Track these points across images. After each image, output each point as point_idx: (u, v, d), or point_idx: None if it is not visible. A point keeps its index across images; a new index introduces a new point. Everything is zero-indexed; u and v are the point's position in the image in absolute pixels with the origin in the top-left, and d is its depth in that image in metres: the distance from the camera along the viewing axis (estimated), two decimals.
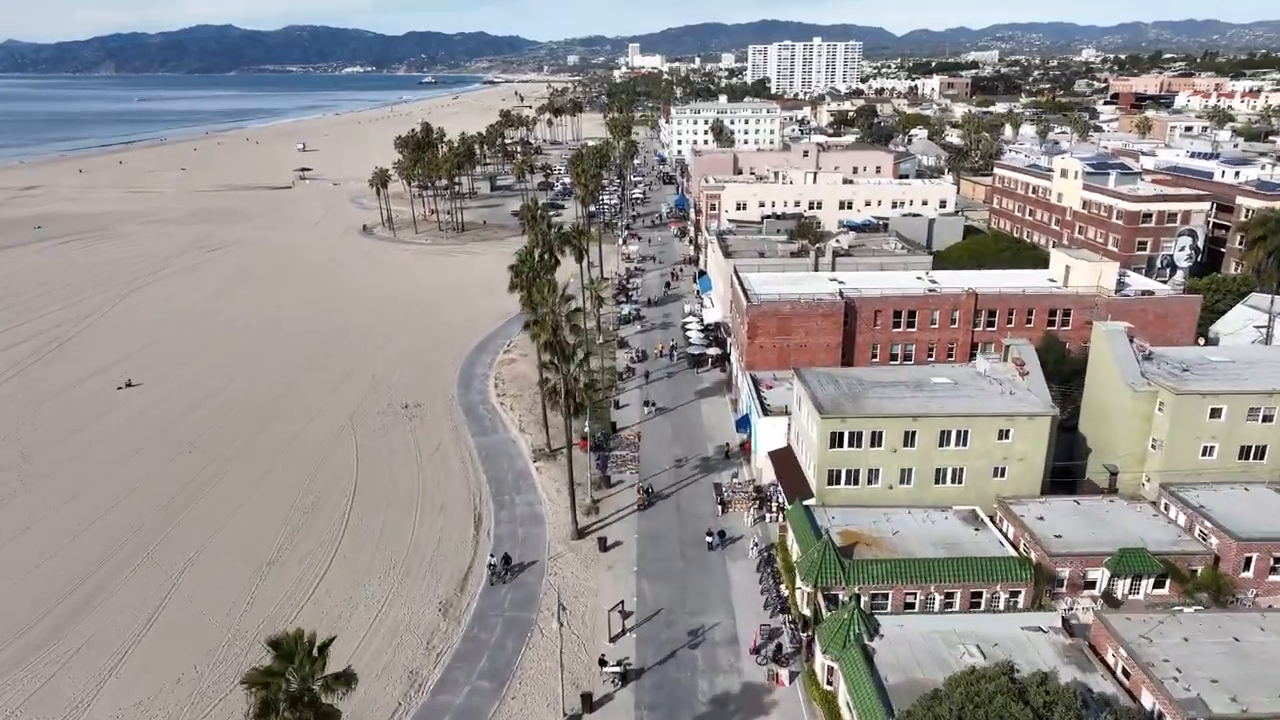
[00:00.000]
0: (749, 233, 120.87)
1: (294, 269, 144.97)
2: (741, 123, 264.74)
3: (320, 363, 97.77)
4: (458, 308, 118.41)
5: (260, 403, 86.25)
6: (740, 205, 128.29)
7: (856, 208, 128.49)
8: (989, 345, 77.33)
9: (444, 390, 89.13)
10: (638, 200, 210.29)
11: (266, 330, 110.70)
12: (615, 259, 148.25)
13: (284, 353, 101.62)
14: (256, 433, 79.21)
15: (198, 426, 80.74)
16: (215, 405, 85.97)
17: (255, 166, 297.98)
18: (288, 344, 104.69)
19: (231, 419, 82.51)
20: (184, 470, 71.86)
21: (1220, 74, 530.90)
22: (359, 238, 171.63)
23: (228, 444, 76.92)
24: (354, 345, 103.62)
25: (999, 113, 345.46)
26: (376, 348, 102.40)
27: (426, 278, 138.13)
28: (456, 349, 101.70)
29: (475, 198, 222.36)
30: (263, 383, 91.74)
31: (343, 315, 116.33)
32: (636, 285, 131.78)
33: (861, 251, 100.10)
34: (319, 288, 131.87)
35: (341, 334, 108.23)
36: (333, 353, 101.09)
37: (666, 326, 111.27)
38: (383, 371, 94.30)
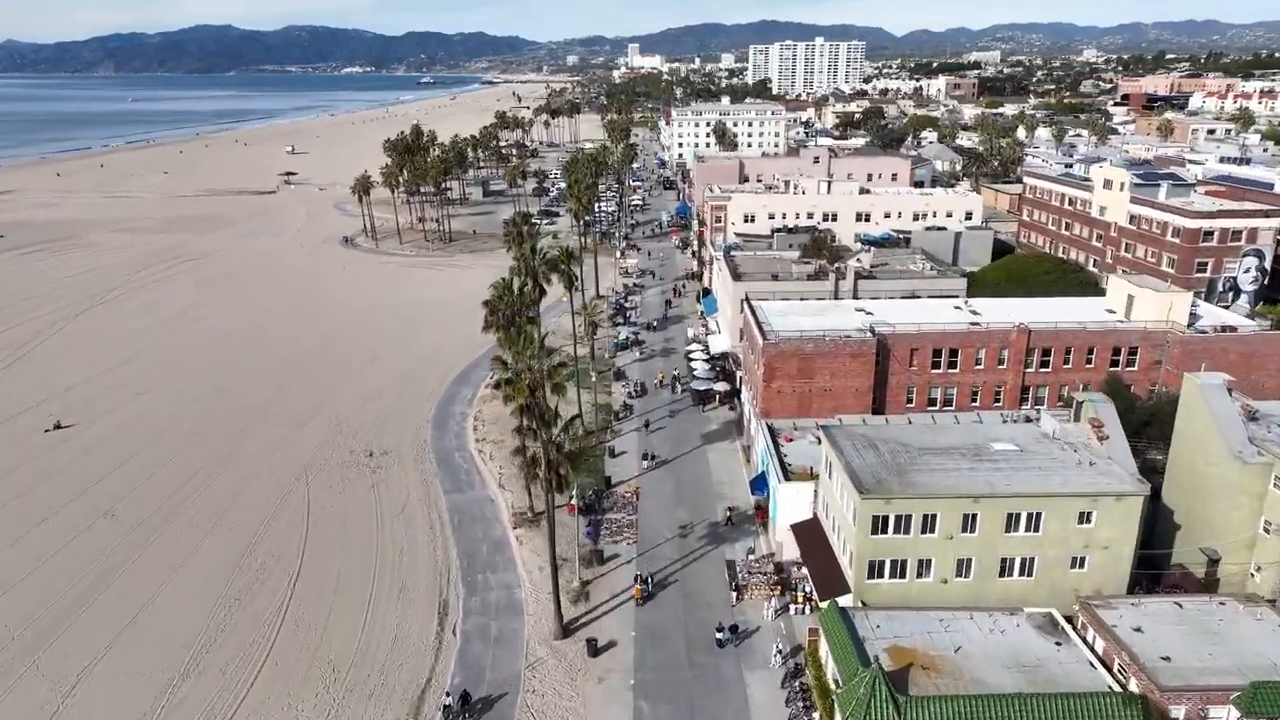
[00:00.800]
0: (758, 247, 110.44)
1: (263, 286, 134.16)
2: (745, 125, 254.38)
3: (278, 400, 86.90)
4: (437, 331, 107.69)
5: (206, 452, 75.44)
6: (748, 217, 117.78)
7: (875, 220, 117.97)
8: (1042, 389, 66.98)
9: (416, 433, 78.51)
10: (636, 207, 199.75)
11: (225, 361, 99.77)
12: (612, 273, 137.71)
13: (240, 388, 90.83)
14: (194, 491, 68.46)
15: (126, 483, 69.94)
16: (152, 456, 75.11)
17: (241, 170, 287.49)
18: (245, 378, 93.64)
19: (167, 473, 71.77)
20: (97, 542, 61.05)
21: (1229, 74, 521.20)
22: (339, 249, 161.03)
23: (157, 506, 66.14)
24: (318, 379, 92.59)
25: (1010, 114, 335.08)
26: (343, 382, 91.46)
27: (406, 295, 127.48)
28: (434, 381, 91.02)
29: (466, 204, 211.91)
30: (211, 426, 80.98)
31: (309, 343, 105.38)
32: (635, 304, 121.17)
33: (885, 272, 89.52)
34: (286, 309, 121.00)
35: (305, 364, 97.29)
36: (293, 388, 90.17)
37: (668, 354, 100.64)
38: (348, 411, 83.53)
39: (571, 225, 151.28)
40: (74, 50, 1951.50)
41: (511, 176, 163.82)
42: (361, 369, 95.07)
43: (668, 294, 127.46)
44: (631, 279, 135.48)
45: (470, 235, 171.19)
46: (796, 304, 75.85)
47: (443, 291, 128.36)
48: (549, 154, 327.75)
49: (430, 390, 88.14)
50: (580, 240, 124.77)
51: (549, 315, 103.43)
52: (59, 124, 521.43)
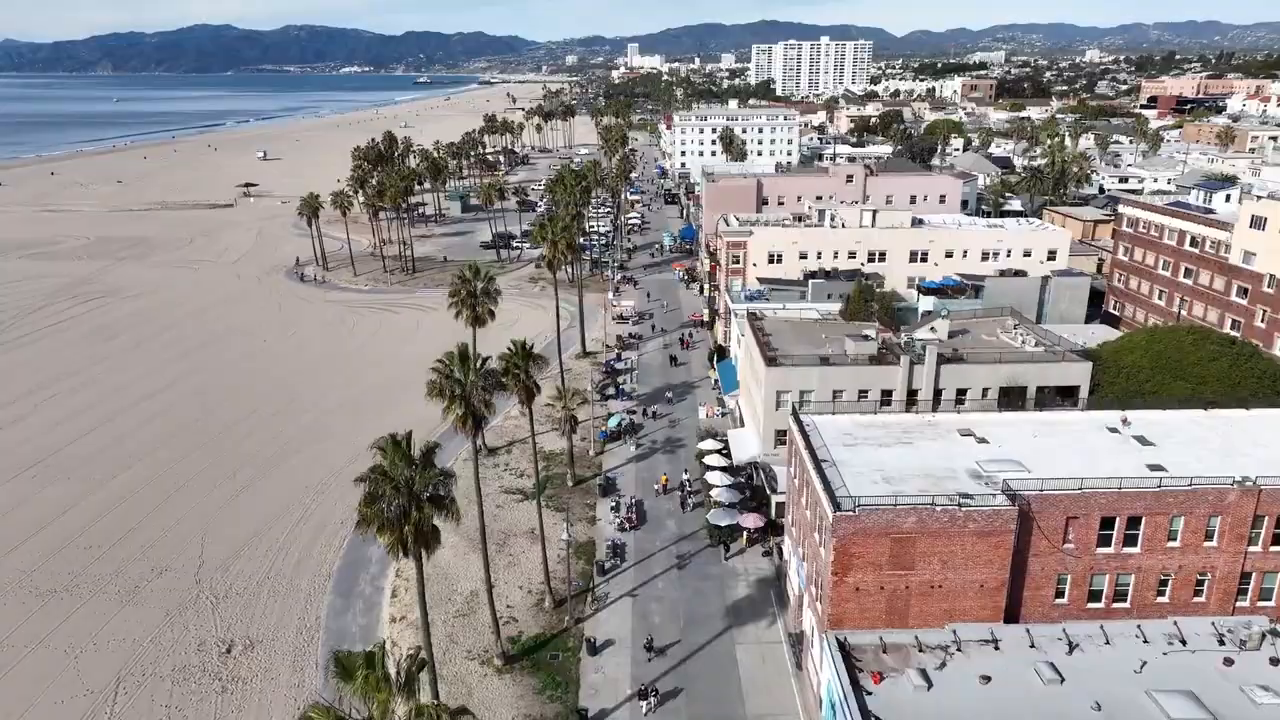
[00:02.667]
0: (788, 296, 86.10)
1: (167, 341, 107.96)
2: (755, 132, 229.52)
3: (101, 554, 59.86)
4: (369, 413, 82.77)
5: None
6: (774, 257, 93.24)
7: (933, 259, 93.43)
8: (1273, 577, 42.35)
9: (306, 605, 53.67)
10: (634, 226, 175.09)
11: (50, 478, 74.23)
12: (603, 317, 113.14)
13: (63, 524, 65.76)
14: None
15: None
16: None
17: (203, 178, 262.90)
18: (68, 511, 67.25)
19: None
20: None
21: (1249, 75, 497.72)
22: (282, 282, 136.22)
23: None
24: (179, 510, 65.57)
25: (1036, 119, 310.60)
26: (219, 513, 65.06)
27: (343, 350, 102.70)
28: (346, 507, 65.96)
29: (442, 221, 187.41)
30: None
31: (191, 442, 78.54)
32: (630, 364, 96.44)
33: (976, 352, 64.60)
34: (182, 377, 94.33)
35: (169, 481, 70.22)
36: (137, 529, 62.99)
37: (674, 447, 75.81)
38: (212, 565, 58.16)
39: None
40: (72, 50, 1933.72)
41: (486, 195, 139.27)
42: (250, 487, 69.57)
43: (672, 346, 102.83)
44: (628, 325, 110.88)
45: (440, 262, 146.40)
46: (868, 419, 51.02)
47: (393, 347, 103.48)
48: (540, 160, 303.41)
49: (339, 520, 63.04)
50: (568, 274, 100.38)
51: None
52: (33, 126, 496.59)
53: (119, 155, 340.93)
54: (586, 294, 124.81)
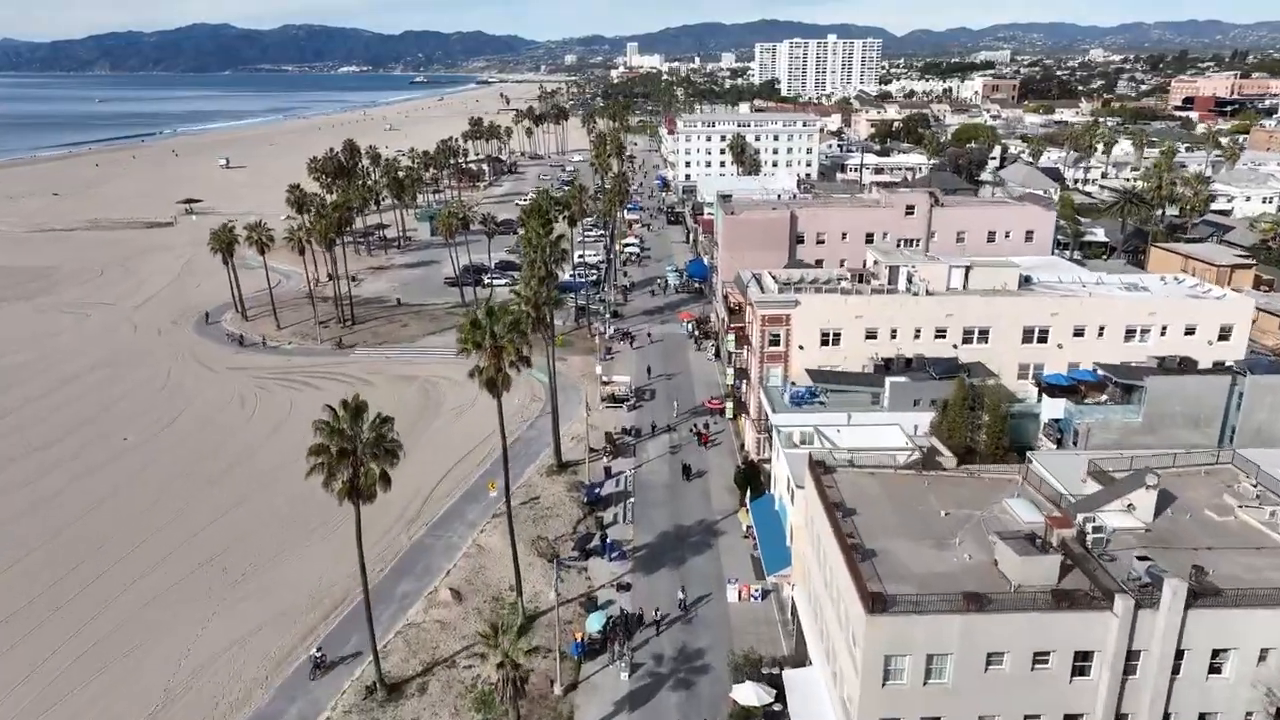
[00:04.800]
0: (853, 404, 58.90)
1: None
2: (769, 140, 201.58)
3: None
4: (235, 588, 54.92)
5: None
6: (829, 337, 65.24)
7: (1055, 339, 65.46)
8: None
9: None
10: (633, 256, 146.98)
11: None
12: (588, 393, 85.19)
13: None
14: None
15: None
16: None
17: (151, 190, 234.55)
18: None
19: None
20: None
21: (1275, 75, 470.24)
22: (187, 336, 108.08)
23: None
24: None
25: (1075, 123, 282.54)
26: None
27: (231, 453, 74.59)
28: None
29: (406, 248, 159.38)
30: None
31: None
32: (624, 484, 68.33)
33: (1205, 541, 36.70)
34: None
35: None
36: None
37: (692, 673, 47.65)
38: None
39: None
40: (70, 49, 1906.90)
41: (446, 227, 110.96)
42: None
43: (683, 447, 74.88)
44: (621, 409, 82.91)
45: (391, 307, 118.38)
46: None
47: (297, 450, 75.23)
48: (530, 168, 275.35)
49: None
50: (544, 335, 72.19)
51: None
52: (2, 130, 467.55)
53: (70, 162, 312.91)
54: (570, 355, 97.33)
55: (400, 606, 52.87)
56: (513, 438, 76.57)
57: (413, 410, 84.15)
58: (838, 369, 64.73)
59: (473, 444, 76.39)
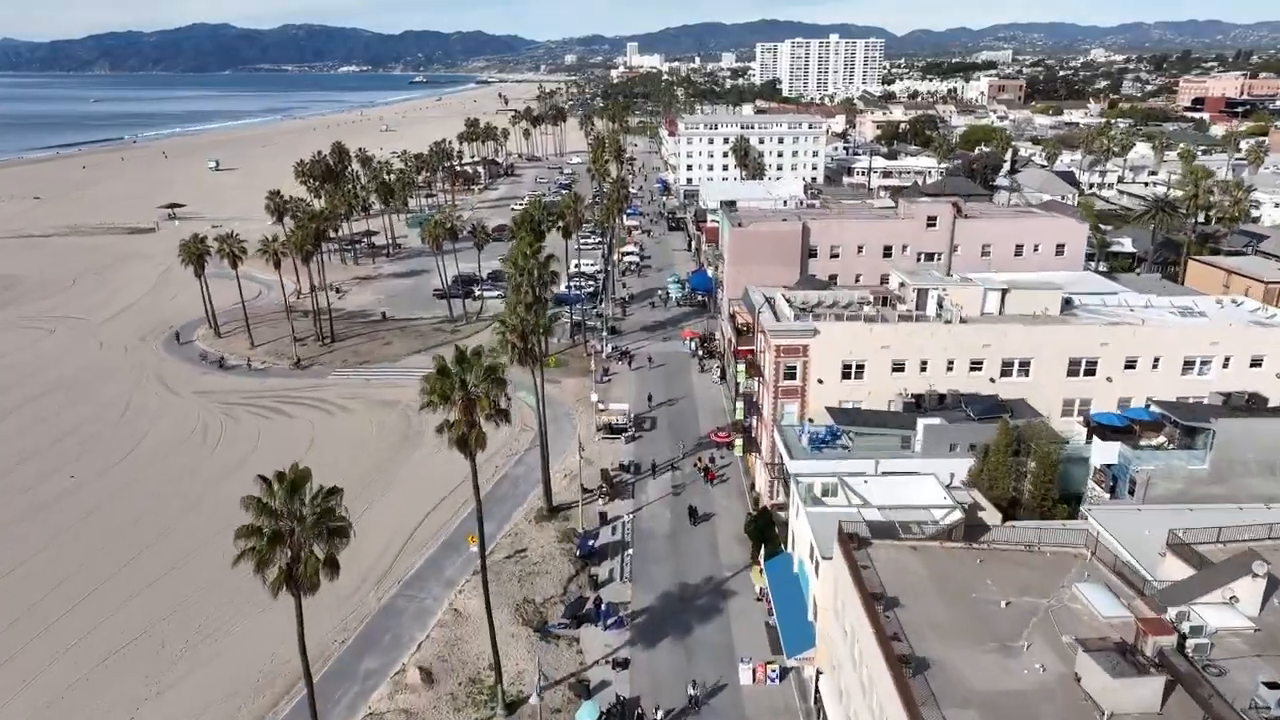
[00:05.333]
0: (879, 447, 52.19)
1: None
2: (774, 142, 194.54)
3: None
4: (173, 663, 47.94)
5: None
6: (851, 369, 58.19)
7: (1104, 372, 58.40)
8: None
9: None
10: (633, 265, 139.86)
11: None
12: (582, 424, 78.18)
13: None
14: None
15: None
16: None
17: (135, 193, 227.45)
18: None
19: None
20: None
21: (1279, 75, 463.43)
22: (154, 355, 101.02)
23: None
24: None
25: (1085, 124, 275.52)
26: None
27: (188, 495, 67.42)
28: None
29: (395, 256, 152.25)
30: None
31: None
32: (622, 533, 61.21)
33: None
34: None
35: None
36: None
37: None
38: None
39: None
40: (69, 49, 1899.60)
41: (433, 237, 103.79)
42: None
43: (687, 487, 67.80)
44: (619, 441, 75.82)
45: (377, 322, 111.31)
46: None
47: None
48: (527, 171, 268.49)
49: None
50: (534, 354, 65.10)
51: None
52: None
53: (57, 164, 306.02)
54: (564, 376, 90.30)
55: (363, 689, 45.89)
56: (499, 475, 69.82)
57: (392, 440, 77.22)
58: (861, 405, 57.74)
59: (457, 480, 69.09)
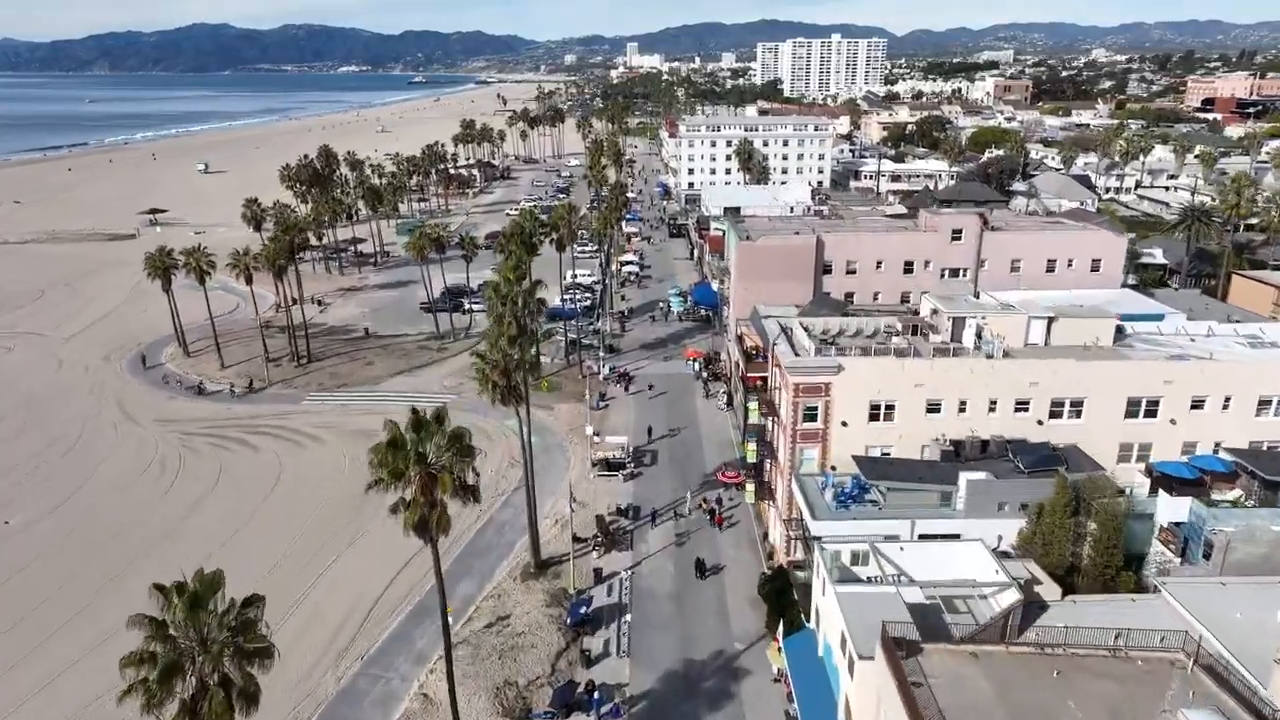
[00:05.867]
0: (916, 503, 45.30)
1: None
2: (778, 145, 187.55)
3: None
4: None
5: None
6: (879, 410, 51.09)
7: (1166, 413, 51.32)
8: None
9: None
10: (632, 275, 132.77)
11: None
12: (576, 461, 71.17)
13: None
14: None
15: None
16: None
17: (120, 197, 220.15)
18: None
19: None
20: None
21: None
22: (118, 376, 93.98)
23: None
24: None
25: (1096, 126, 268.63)
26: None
27: (135, 545, 60.35)
28: None
29: (383, 265, 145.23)
30: None
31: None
32: (619, 594, 54.06)
33: None
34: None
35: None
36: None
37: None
38: None
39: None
40: (69, 49, 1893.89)
41: (418, 249, 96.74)
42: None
43: (691, 534, 60.72)
44: (616, 478, 68.73)
45: (356, 339, 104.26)
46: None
47: (215, 535, 60.98)
48: (524, 173, 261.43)
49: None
50: (523, 379, 57.78)
51: None
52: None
53: (44, 166, 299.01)
54: (558, 401, 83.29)
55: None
56: (482, 521, 62.71)
57: (366, 477, 69.93)
58: (890, 452, 50.71)
59: None
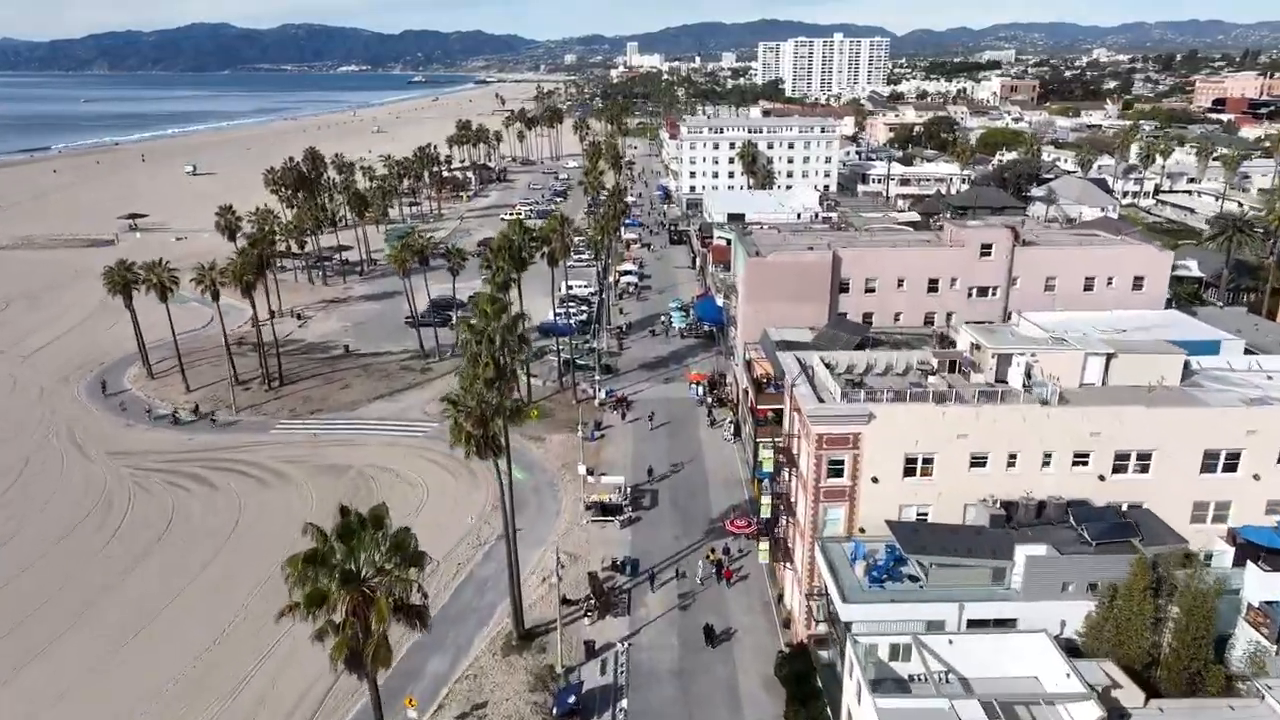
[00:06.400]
0: (962, 583, 37.78)
1: None
2: (784, 148, 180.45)
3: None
4: None
5: None
6: (915, 465, 43.86)
7: (1248, 468, 44.16)
8: None
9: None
10: (630, 287, 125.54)
11: None
12: (568, 503, 64.12)
13: None
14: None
15: None
16: None
17: (104, 200, 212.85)
18: None
19: None
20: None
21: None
22: (71, 403, 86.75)
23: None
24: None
25: (1108, 128, 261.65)
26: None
27: (71, 604, 53.13)
28: None
29: (369, 275, 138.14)
30: None
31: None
32: (614, 675, 46.96)
33: None
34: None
35: None
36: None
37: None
38: None
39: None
40: (69, 49, 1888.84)
41: (400, 262, 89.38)
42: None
43: (693, 598, 53.58)
44: (610, 524, 61.53)
45: (338, 355, 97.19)
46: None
47: (161, 592, 53.88)
48: (521, 176, 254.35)
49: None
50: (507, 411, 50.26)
51: None
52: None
53: (29, 168, 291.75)
54: (549, 431, 76.25)
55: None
56: (460, 577, 55.65)
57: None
58: (928, 511, 43.59)
59: None
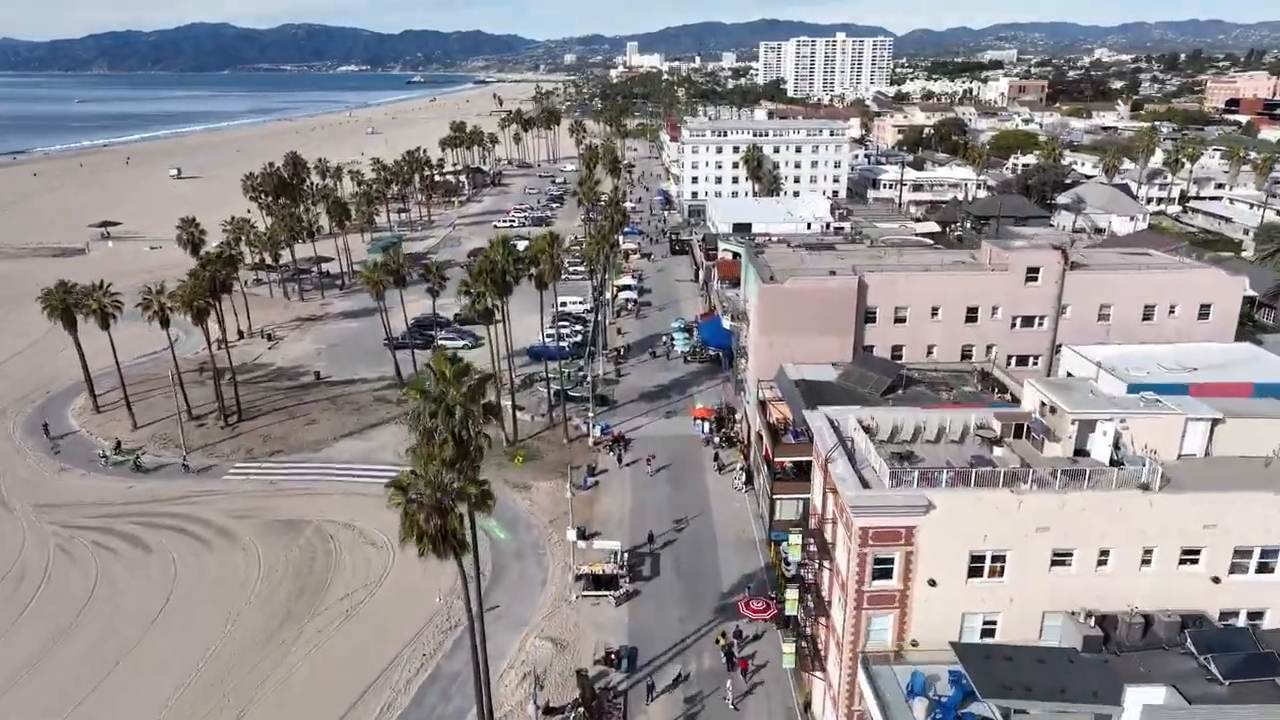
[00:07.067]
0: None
1: None
2: (790, 151, 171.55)
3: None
4: None
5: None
6: (983, 563, 34.92)
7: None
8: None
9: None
10: (629, 304, 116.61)
11: None
12: (556, 575, 55.34)
13: None
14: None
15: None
16: None
17: (82, 205, 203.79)
18: None
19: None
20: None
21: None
22: (6, 444, 77.97)
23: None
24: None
25: (1125, 130, 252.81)
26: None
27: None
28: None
29: (350, 289, 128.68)
30: None
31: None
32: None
33: None
34: None
35: None
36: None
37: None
38: None
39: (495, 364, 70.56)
40: (68, 48, 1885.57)
41: (373, 283, 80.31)
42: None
43: (703, 702, 44.73)
44: (604, 600, 52.70)
45: (307, 383, 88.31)
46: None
47: (77, 695, 45.20)
48: (517, 180, 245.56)
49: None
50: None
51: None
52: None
53: (9, 171, 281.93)
54: (538, 479, 67.56)
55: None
56: (425, 671, 46.81)
57: (281, 597, 53.91)
58: (996, 622, 34.74)
59: (370, 678, 46.44)
